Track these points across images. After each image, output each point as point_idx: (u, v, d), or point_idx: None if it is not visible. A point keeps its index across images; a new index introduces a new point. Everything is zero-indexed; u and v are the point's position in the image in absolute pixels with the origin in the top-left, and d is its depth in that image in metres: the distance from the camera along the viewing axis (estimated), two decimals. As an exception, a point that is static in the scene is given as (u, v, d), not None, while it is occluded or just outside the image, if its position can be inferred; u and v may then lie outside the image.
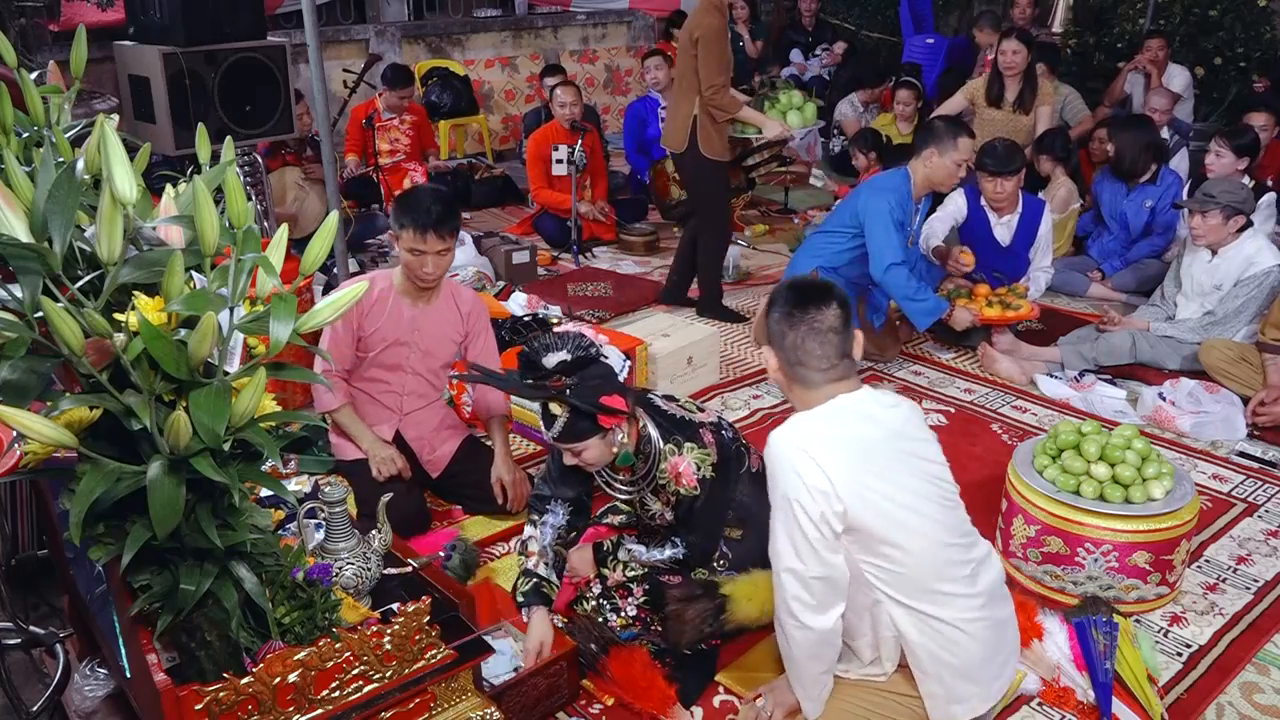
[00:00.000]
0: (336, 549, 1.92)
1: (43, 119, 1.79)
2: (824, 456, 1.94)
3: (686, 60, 4.55)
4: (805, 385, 2.07)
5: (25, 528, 2.69)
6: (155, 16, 4.16)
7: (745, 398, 4.15)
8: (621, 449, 2.40)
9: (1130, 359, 4.22)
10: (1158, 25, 7.55)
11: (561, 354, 2.31)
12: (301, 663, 1.52)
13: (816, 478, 1.92)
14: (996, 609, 2.10)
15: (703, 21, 4.43)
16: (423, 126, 6.48)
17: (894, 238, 3.91)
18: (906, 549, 1.97)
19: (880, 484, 1.96)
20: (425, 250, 2.88)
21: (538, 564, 2.53)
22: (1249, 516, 3.29)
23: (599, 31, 8.92)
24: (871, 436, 2.01)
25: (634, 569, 2.55)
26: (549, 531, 2.57)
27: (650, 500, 2.49)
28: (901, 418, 2.09)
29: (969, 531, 2.13)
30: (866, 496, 1.94)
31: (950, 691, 2.05)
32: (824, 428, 2.01)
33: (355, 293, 1.53)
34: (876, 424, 2.04)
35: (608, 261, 5.91)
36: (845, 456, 1.96)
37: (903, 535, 1.96)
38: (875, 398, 2.09)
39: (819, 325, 2.02)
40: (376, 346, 3.04)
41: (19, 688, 2.39)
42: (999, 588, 2.14)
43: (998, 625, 2.10)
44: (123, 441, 1.44)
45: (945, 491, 2.08)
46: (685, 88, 4.59)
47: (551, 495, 2.61)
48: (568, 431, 2.32)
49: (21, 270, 1.37)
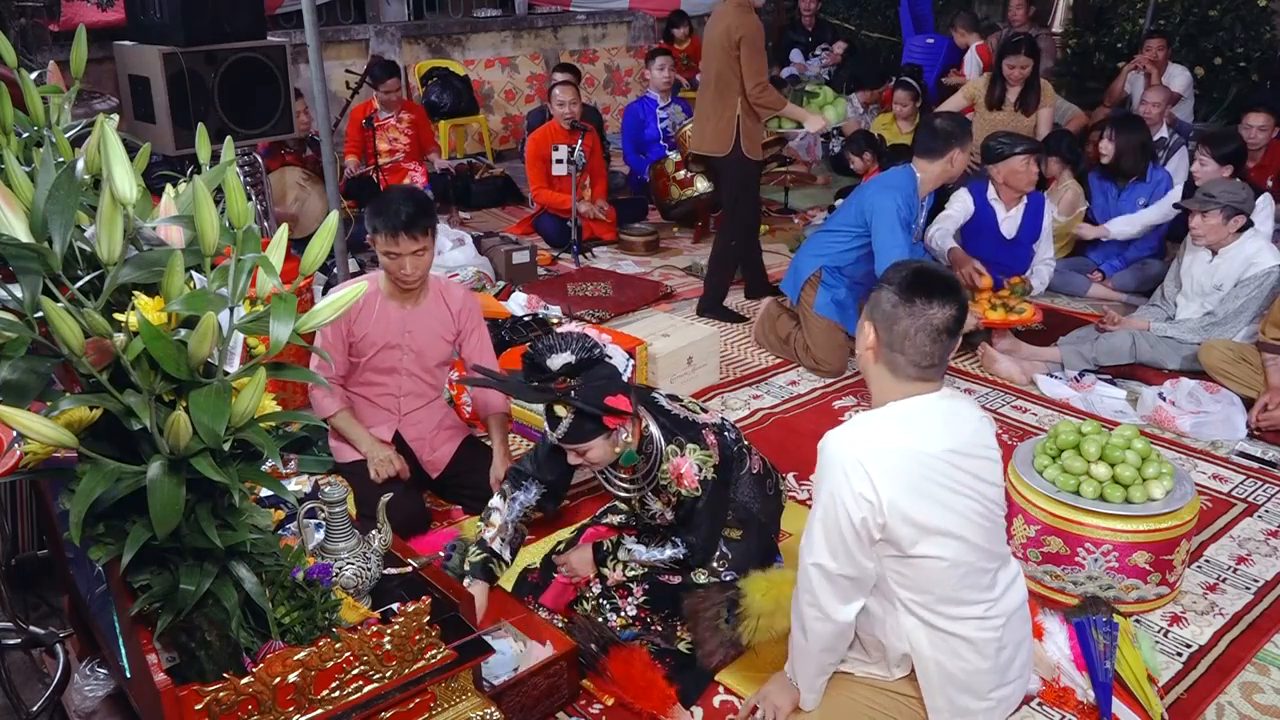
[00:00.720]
0: (336, 549, 1.92)
1: (43, 119, 1.79)
2: (876, 469, 1.89)
3: (723, 62, 4.53)
4: (894, 374, 1.99)
5: (25, 528, 2.69)
6: (155, 16, 4.16)
7: (745, 398, 4.15)
8: (625, 448, 2.40)
9: (1130, 359, 4.22)
10: (1158, 25, 7.55)
11: (566, 355, 2.31)
12: (301, 663, 1.52)
13: (864, 487, 1.89)
14: (1013, 632, 2.08)
15: (743, 22, 4.47)
16: (422, 126, 6.48)
17: (900, 236, 3.89)
18: (936, 562, 1.95)
19: (927, 504, 1.92)
20: (400, 252, 2.87)
21: (494, 538, 2.56)
22: (1249, 516, 3.29)
23: (599, 31, 8.93)
24: (931, 450, 1.94)
25: (634, 569, 2.55)
26: (516, 509, 2.60)
27: (651, 500, 2.49)
28: (970, 431, 2.01)
29: (1003, 555, 2.10)
30: (910, 515, 1.91)
31: (953, 704, 2.04)
32: (885, 436, 1.95)
33: (355, 293, 1.53)
34: (942, 435, 1.97)
35: (608, 261, 5.91)
36: (898, 472, 1.91)
37: (936, 549, 1.94)
38: (951, 407, 2.02)
39: (936, 322, 1.93)
40: (368, 351, 3.04)
41: (19, 688, 2.39)
42: (1020, 610, 2.12)
43: (1011, 647, 2.08)
44: (123, 441, 1.44)
45: (991, 513, 2.03)
46: (723, 89, 4.57)
47: (532, 474, 2.63)
48: (572, 433, 2.32)
49: (21, 270, 1.37)
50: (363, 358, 3.05)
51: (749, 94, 4.53)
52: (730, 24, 4.48)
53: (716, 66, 4.59)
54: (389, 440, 3.13)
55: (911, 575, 1.97)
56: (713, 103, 4.68)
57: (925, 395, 1.99)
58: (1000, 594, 2.06)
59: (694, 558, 2.50)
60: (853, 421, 2.01)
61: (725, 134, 4.65)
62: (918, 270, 1.99)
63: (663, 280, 5.55)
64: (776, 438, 3.79)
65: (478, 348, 3.19)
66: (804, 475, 3.51)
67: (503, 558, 2.55)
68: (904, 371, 1.97)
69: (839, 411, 4.04)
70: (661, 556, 2.51)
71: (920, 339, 1.93)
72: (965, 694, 2.04)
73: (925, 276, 1.97)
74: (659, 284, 5.45)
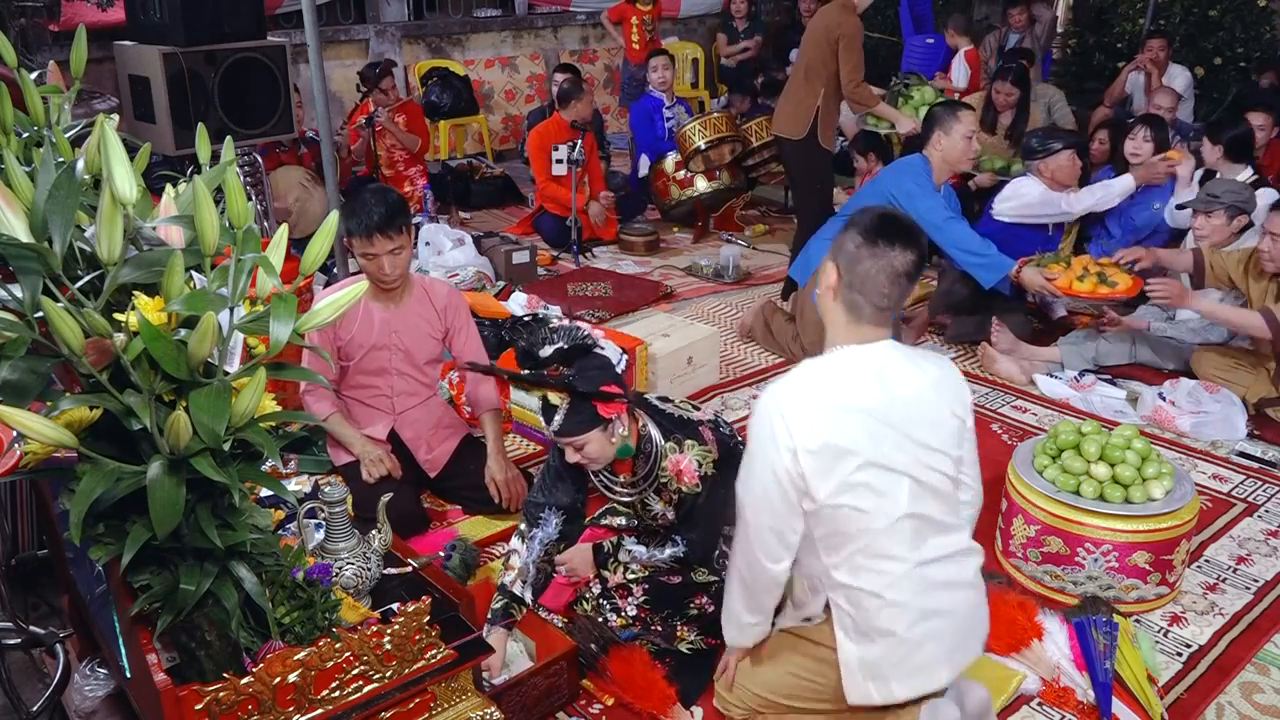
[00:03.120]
0: (336, 549, 1.92)
1: (43, 119, 1.79)
2: (799, 422, 1.92)
3: (817, 54, 4.80)
4: (850, 315, 2.00)
5: (25, 528, 2.69)
6: (155, 16, 4.16)
7: (745, 398, 4.15)
8: (621, 441, 2.40)
9: (1130, 359, 4.22)
10: (1158, 25, 7.56)
11: (558, 344, 2.32)
12: (301, 663, 1.52)
13: (784, 436, 1.92)
14: (936, 600, 2.01)
15: (844, 20, 4.74)
16: (415, 123, 6.38)
17: (935, 200, 3.94)
18: (851, 512, 1.94)
19: (845, 458, 1.92)
20: (376, 252, 2.87)
21: (515, 581, 2.50)
22: (1249, 516, 3.29)
23: (599, 31, 8.91)
24: (867, 404, 1.95)
25: (634, 571, 2.55)
26: (536, 548, 2.55)
27: (653, 501, 2.49)
28: (919, 388, 2.00)
29: (943, 524, 2.04)
30: (834, 468, 1.92)
31: (865, 663, 2.00)
32: (818, 389, 1.97)
33: (355, 292, 1.53)
34: (882, 388, 1.97)
35: (608, 261, 5.91)
36: (818, 422, 1.93)
37: (851, 499, 1.94)
38: (898, 358, 2.02)
39: (898, 265, 1.96)
40: (356, 354, 3.04)
41: (19, 688, 2.40)
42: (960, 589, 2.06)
43: (938, 617, 2.01)
44: (123, 441, 1.44)
45: (933, 480, 2.00)
46: (811, 77, 4.83)
47: (546, 503, 2.58)
48: (568, 423, 2.31)
49: (21, 270, 1.37)
50: (351, 361, 3.05)
51: (845, 88, 4.83)
52: (832, 21, 4.78)
53: (809, 57, 4.86)
54: (383, 439, 3.13)
55: (826, 524, 1.97)
56: (799, 88, 4.92)
57: (874, 344, 2.01)
58: (930, 559, 2.00)
59: (694, 555, 2.50)
60: (791, 372, 2.03)
61: (804, 118, 4.88)
62: (881, 214, 2.03)
63: (663, 280, 5.55)
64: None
65: (467, 344, 3.18)
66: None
67: (524, 600, 2.51)
68: (861, 312, 2.00)
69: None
70: (662, 556, 2.51)
71: (881, 279, 1.96)
72: (883, 660, 1.99)
73: (889, 219, 2.01)
74: (659, 284, 5.45)
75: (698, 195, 6.14)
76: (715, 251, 5.92)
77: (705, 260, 5.81)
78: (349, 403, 3.14)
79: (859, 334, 2.02)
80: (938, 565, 2.02)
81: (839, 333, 2.04)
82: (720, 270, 5.62)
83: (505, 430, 3.47)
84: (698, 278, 5.64)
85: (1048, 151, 4.50)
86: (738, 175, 6.27)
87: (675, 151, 6.14)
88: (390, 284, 2.96)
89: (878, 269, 1.96)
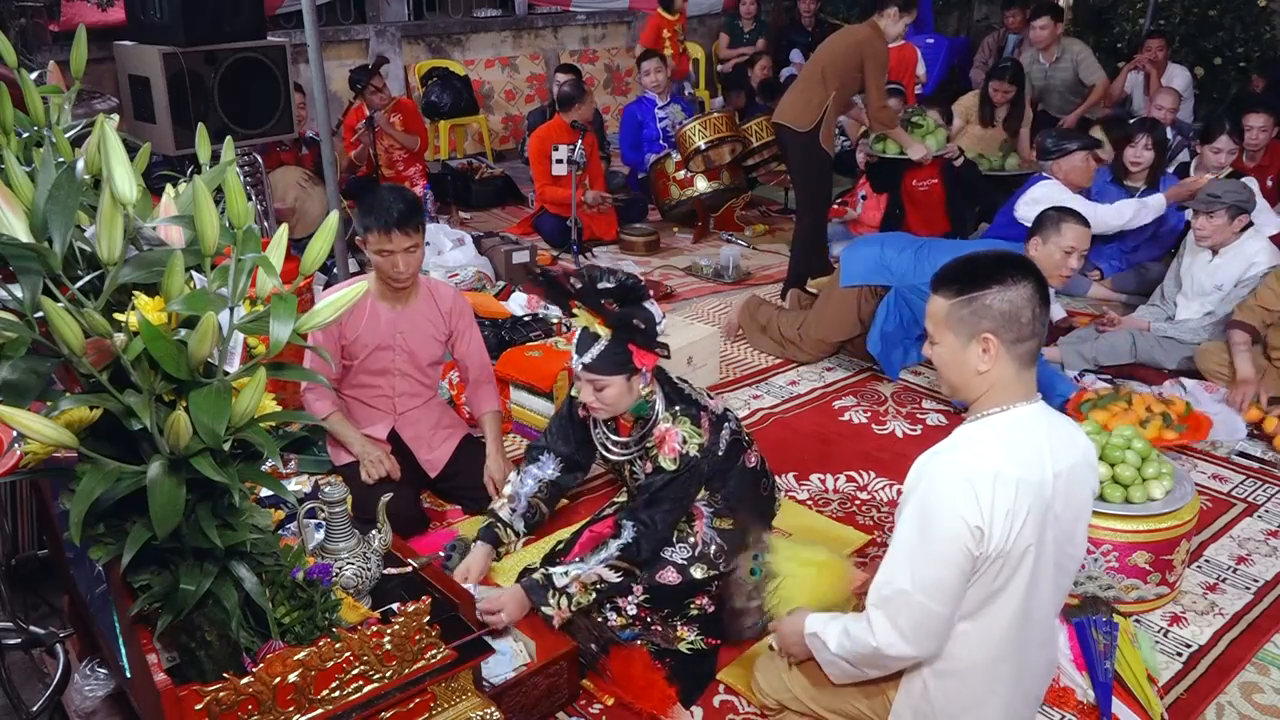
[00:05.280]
0: (336, 549, 1.92)
1: (43, 119, 1.79)
2: (986, 494, 1.71)
3: (838, 61, 4.89)
4: (1018, 364, 1.79)
5: (25, 528, 2.69)
6: (155, 16, 4.16)
7: (745, 398, 4.15)
8: (638, 397, 2.43)
9: (1130, 359, 4.22)
10: (1158, 25, 7.56)
11: (623, 280, 2.37)
12: (301, 663, 1.52)
13: (974, 516, 1.71)
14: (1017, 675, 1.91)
15: (874, 41, 4.88)
16: (411, 121, 6.35)
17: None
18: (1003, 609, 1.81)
19: (1020, 545, 1.75)
20: (393, 249, 2.88)
21: (503, 506, 2.61)
22: (1249, 516, 3.29)
23: (599, 31, 8.92)
24: (1042, 479, 1.76)
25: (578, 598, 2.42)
26: (530, 481, 2.65)
27: (639, 467, 2.52)
28: (1076, 459, 1.83)
29: (1045, 617, 1.92)
30: (1006, 548, 1.74)
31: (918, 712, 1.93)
32: (996, 458, 1.75)
33: (355, 292, 1.53)
34: (1054, 459, 1.79)
35: (608, 261, 5.90)
36: (1004, 500, 1.72)
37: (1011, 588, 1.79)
38: (1054, 420, 1.84)
39: (1028, 291, 1.77)
40: (360, 353, 3.04)
41: (19, 688, 2.39)
42: (1048, 670, 2.03)
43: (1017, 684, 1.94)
44: (123, 441, 1.44)
45: (1070, 560, 1.88)
46: (828, 79, 4.90)
47: (546, 446, 2.69)
48: (601, 360, 2.33)
49: (21, 270, 1.37)
50: (355, 360, 3.05)
51: (870, 109, 5.05)
52: (864, 38, 4.90)
53: (827, 60, 4.95)
54: (384, 438, 3.13)
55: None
56: (813, 83, 4.94)
57: (1028, 405, 1.82)
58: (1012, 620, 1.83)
59: (643, 544, 2.41)
60: (955, 440, 1.83)
61: (813, 112, 4.92)
62: (969, 259, 1.85)
63: (663, 280, 5.55)
64: (776, 437, 3.79)
65: (470, 348, 3.19)
66: (803, 475, 3.51)
67: (512, 526, 2.56)
68: (1029, 356, 1.80)
69: (839, 411, 4.04)
70: (606, 555, 2.42)
71: (1026, 313, 1.78)
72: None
73: (988, 259, 1.84)
74: (659, 284, 5.45)
75: (698, 195, 6.15)
76: (715, 251, 5.92)
77: (705, 260, 5.82)
78: (350, 402, 3.14)
79: (1016, 390, 1.81)
80: (1029, 649, 1.91)
81: (1006, 391, 1.81)
82: (720, 270, 5.63)
83: (505, 430, 3.48)
84: (698, 278, 5.65)
85: (1062, 152, 4.51)
86: (738, 175, 6.27)
87: (675, 151, 6.13)
88: (403, 282, 2.97)
89: (1024, 299, 1.77)
